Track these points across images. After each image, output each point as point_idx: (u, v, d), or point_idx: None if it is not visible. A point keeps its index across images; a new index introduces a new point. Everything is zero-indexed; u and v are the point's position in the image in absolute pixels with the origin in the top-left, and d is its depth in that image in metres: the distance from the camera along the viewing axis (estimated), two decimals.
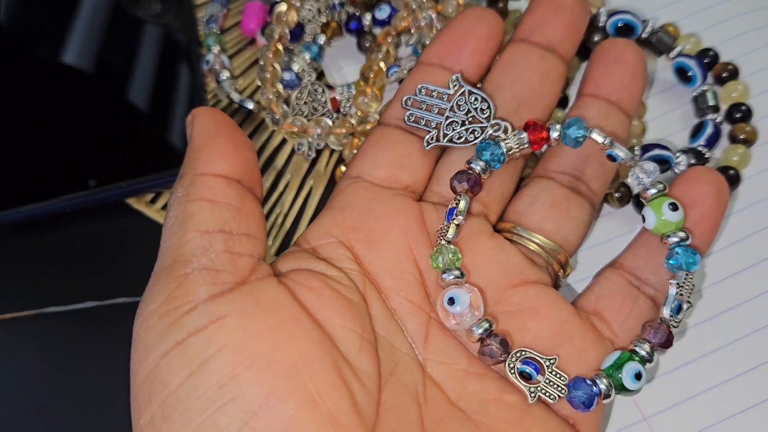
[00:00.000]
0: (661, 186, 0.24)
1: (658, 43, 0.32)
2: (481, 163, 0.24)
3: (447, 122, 0.26)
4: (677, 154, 0.30)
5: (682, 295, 0.23)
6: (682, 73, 0.32)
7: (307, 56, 0.32)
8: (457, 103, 0.26)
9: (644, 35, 0.32)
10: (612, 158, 0.25)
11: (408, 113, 0.26)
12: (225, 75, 0.33)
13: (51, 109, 0.32)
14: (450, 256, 0.23)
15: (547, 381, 0.22)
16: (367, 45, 0.33)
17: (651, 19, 0.33)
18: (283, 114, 0.31)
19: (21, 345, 0.29)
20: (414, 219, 0.25)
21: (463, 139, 0.26)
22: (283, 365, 0.20)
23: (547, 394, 0.22)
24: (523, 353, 0.23)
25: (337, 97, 0.32)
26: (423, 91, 0.26)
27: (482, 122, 0.26)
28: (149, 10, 0.35)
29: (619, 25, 0.32)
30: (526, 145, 0.25)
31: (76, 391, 0.28)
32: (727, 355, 0.27)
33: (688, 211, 0.25)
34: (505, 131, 0.25)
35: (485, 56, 0.27)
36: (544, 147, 0.26)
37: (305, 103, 0.32)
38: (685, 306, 0.23)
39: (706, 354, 0.27)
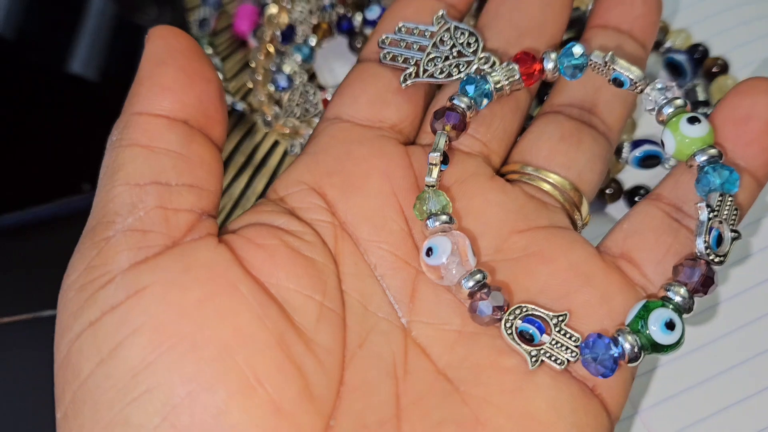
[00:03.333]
0: (679, 102, 0.20)
1: None
2: (465, 99, 0.21)
3: (428, 58, 0.23)
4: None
5: (721, 221, 0.18)
6: (672, 68, 0.32)
7: (299, 57, 0.33)
8: (440, 38, 0.23)
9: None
10: (618, 83, 0.21)
11: (384, 51, 0.23)
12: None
13: (44, 113, 0.32)
14: (434, 200, 0.20)
15: (554, 342, 0.18)
16: (359, 45, 0.33)
17: None
18: (275, 115, 0.31)
19: (17, 349, 0.29)
20: (399, 162, 0.21)
21: (445, 74, 0.23)
22: (211, 347, 0.17)
23: (554, 358, 0.18)
24: (524, 309, 0.19)
25: (329, 98, 0.32)
26: (403, 29, 0.24)
27: (469, 57, 0.23)
28: (145, 14, 0.35)
29: None
30: (517, 78, 0.22)
31: None
32: (721, 348, 0.27)
33: (737, 130, 0.20)
34: (493, 65, 0.23)
35: None
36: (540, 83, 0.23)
37: (297, 104, 0.32)
38: (728, 235, 0.18)
39: (699, 347, 0.27)
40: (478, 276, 0.19)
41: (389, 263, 0.20)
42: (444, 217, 0.19)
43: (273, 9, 0.33)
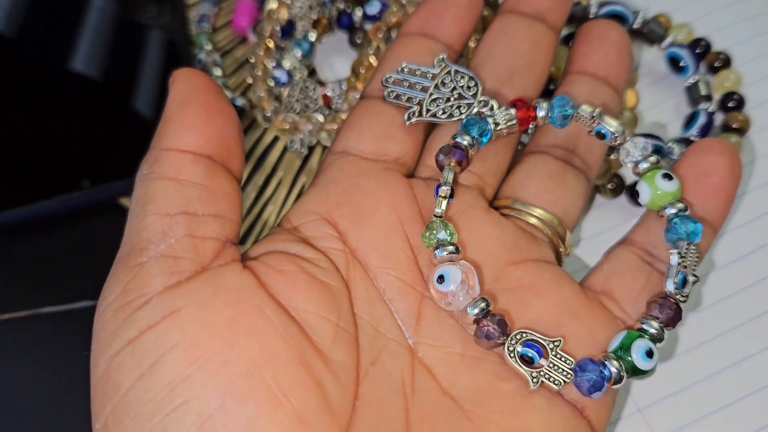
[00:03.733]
0: (653, 159, 0.23)
1: (650, 33, 0.32)
2: (468, 138, 0.23)
3: (431, 99, 0.25)
4: (670, 144, 0.30)
5: (686, 267, 0.21)
6: (674, 63, 0.32)
7: (299, 53, 0.32)
8: (442, 81, 0.25)
9: (635, 26, 0.32)
10: (601, 135, 0.24)
11: (388, 90, 0.25)
12: (217, 73, 0.33)
13: (42, 110, 0.32)
14: (443, 231, 0.22)
15: (551, 365, 0.21)
16: (358, 41, 0.33)
17: (642, 9, 0.33)
18: (274, 111, 0.31)
19: (17, 346, 0.29)
20: (403, 193, 0.23)
21: (447, 114, 0.25)
22: (241, 363, 0.18)
23: (552, 379, 0.20)
24: (525, 335, 0.21)
25: (329, 93, 0.32)
26: (406, 69, 0.25)
27: (469, 99, 0.25)
28: (145, 12, 0.35)
29: (610, 15, 0.32)
30: (514, 122, 0.24)
31: (73, 391, 0.28)
32: (722, 345, 0.27)
33: (698, 184, 0.23)
34: (492, 108, 0.25)
35: (466, 23, 0.27)
36: (532, 127, 0.25)
37: (297, 99, 0.32)
38: (690, 278, 0.22)
39: (701, 344, 0.27)
40: (483, 304, 0.21)
41: (396, 288, 0.22)
42: (451, 248, 0.21)
43: (272, 4, 0.33)
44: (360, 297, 0.22)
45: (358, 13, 0.33)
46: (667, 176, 0.22)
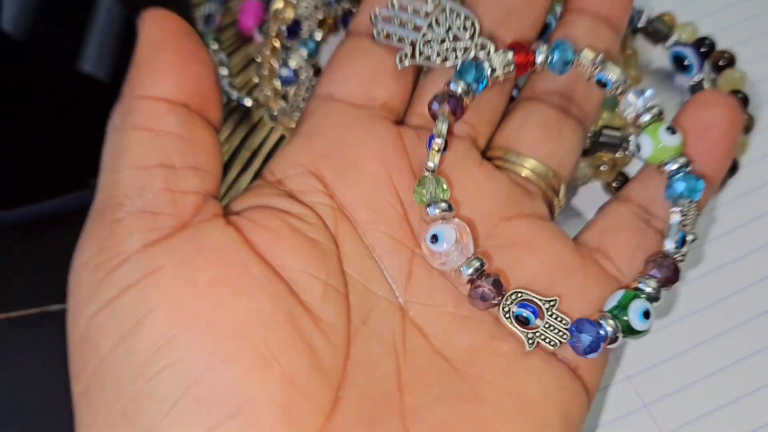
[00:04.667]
0: (656, 110, 0.22)
1: (654, 32, 0.32)
2: (462, 85, 0.22)
3: (424, 40, 0.23)
4: None
5: (685, 225, 0.21)
6: (678, 62, 0.32)
7: (305, 52, 0.33)
8: (435, 19, 0.23)
9: (640, 24, 0.32)
10: (602, 84, 0.22)
11: (378, 28, 0.23)
12: (223, 72, 0.33)
13: (50, 110, 0.32)
14: (435, 187, 0.21)
15: (546, 325, 0.20)
16: None
17: (647, 8, 0.33)
18: (281, 110, 0.32)
19: (26, 342, 0.29)
20: (393, 144, 0.22)
21: (442, 58, 0.23)
22: (228, 323, 0.18)
23: (547, 340, 0.20)
24: (520, 295, 0.20)
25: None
26: (396, 5, 0.23)
27: (465, 42, 0.23)
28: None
29: None
30: (512, 68, 0.22)
31: None
32: (727, 341, 0.27)
33: (698, 138, 0.22)
34: (489, 52, 0.23)
35: None
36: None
37: (303, 98, 0.32)
38: (689, 237, 0.21)
39: (707, 340, 0.27)
40: (477, 264, 0.20)
41: (387, 245, 0.21)
42: (444, 205, 0.20)
43: (278, 4, 0.33)
44: (349, 254, 0.21)
45: None
46: (671, 130, 0.21)
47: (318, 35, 0.33)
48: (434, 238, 0.20)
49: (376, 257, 0.21)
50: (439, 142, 0.21)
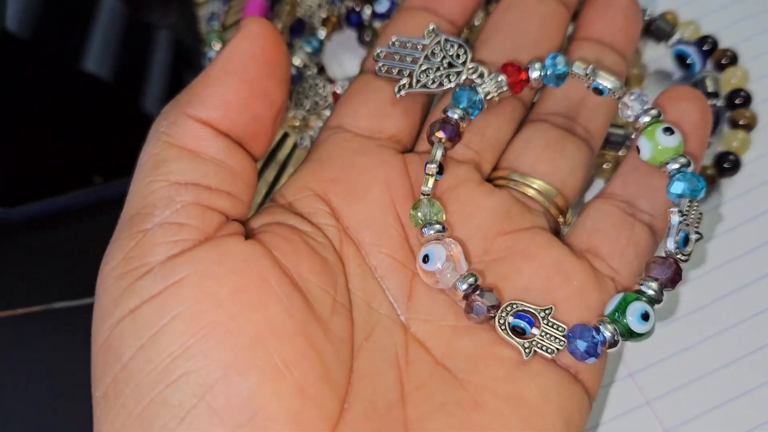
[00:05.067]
0: (654, 112, 0.22)
1: (657, 30, 0.32)
2: (459, 111, 0.23)
3: (421, 69, 0.24)
4: None
5: (688, 225, 0.21)
6: (681, 60, 0.32)
7: (308, 50, 0.33)
8: (431, 51, 0.24)
9: (642, 23, 0.32)
10: (598, 91, 0.23)
11: (379, 64, 0.25)
12: None
13: (54, 108, 0.32)
14: (429, 210, 0.21)
15: (543, 334, 0.20)
16: (367, 39, 0.33)
17: (649, 6, 0.33)
18: None
19: (31, 340, 0.29)
20: (397, 171, 0.23)
21: (437, 84, 0.24)
22: (245, 334, 0.18)
23: (544, 348, 0.20)
24: (515, 306, 0.21)
25: (338, 91, 0.32)
26: (397, 43, 0.25)
27: (458, 67, 0.24)
28: (153, 12, 0.35)
29: None
30: (505, 89, 0.23)
31: (86, 385, 0.28)
32: (730, 338, 0.27)
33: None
34: (481, 76, 0.24)
35: None
36: (532, 92, 0.24)
37: (307, 96, 0.32)
38: (693, 236, 0.21)
39: (709, 337, 0.27)
40: (471, 279, 0.21)
41: (388, 266, 0.22)
42: (437, 226, 0.21)
43: (282, 3, 0.33)
44: (353, 273, 0.21)
45: (367, 11, 0.34)
46: (669, 130, 0.22)
47: (321, 33, 0.33)
48: (426, 258, 0.21)
49: (378, 277, 0.22)
50: (432, 167, 0.22)
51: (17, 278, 0.30)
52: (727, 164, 0.30)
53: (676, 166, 0.22)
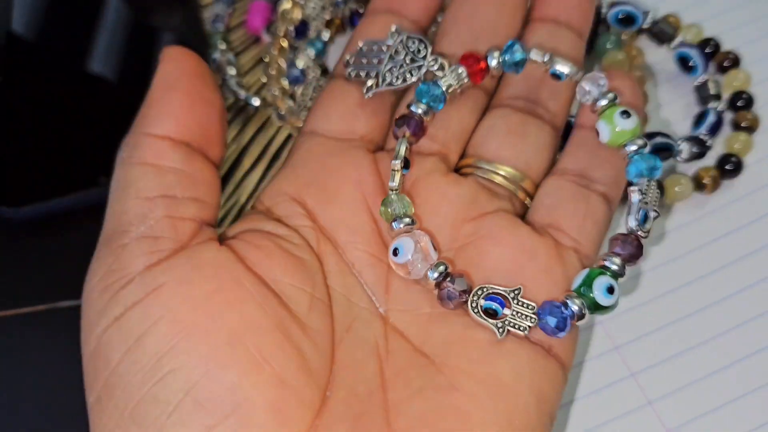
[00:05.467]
0: (611, 95, 0.23)
1: (660, 33, 0.33)
2: (423, 106, 0.24)
3: (386, 69, 0.25)
4: (679, 142, 0.30)
5: (646, 203, 0.22)
6: (683, 63, 0.32)
7: (312, 52, 0.33)
8: (395, 50, 0.25)
9: (645, 25, 0.33)
10: (556, 77, 0.24)
11: (349, 70, 0.25)
12: (231, 72, 0.33)
13: (60, 109, 0.33)
14: (398, 204, 0.22)
15: (514, 313, 0.21)
16: None
17: (652, 9, 0.33)
18: (288, 110, 0.32)
19: (36, 338, 0.29)
20: (368, 169, 0.24)
21: (401, 80, 0.25)
22: (223, 332, 0.19)
23: (517, 326, 0.21)
24: (486, 290, 0.22)
25: None
26: (364, 47, 0.26)
27: (419, 61, 0.25)
28: (156, 15, 0.35)
29: (620, 16, 0.32)
30: (466, 80, 0.24)
31: None
32: (732, 339, 0.27)
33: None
34: (442, 68, 0.25)
35: None
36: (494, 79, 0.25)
37: (311, 98, 0.32)
38: (651, 214, 0.22)
39: (711, 338, 0.27)
40: (441, 267, 0.22)
41: (364, 261, 0.23)
42: (407, 220, 0.22)
43: (286, 5, 0.33)
44: (331, 270, 0.22)
45: None
46: (626, 113, 0.23)
47: (325, 35, 0.33)
48: (396, 251, 0.22)
49: (355, 272, 0.23)
50: (396, 163, 0.23)
51: (23, 277, 0.31)
52: (729, 166, 0.30)
53: (634, 147, 0.23)
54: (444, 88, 0.24)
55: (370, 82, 0.25)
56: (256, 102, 0.33)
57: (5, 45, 0.34)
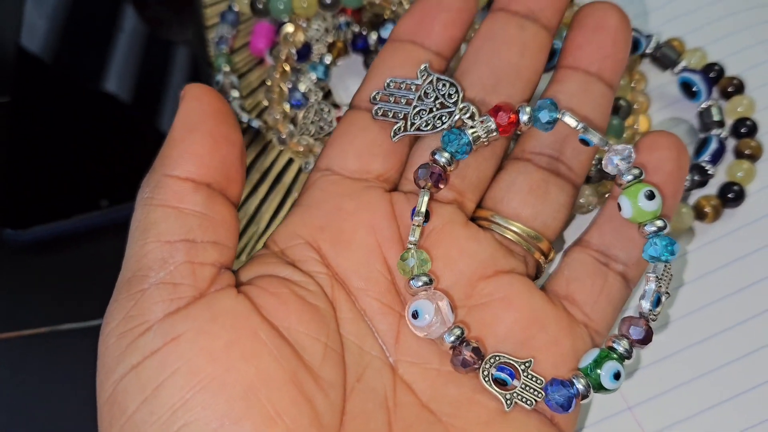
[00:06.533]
0: (636, 171, 0.23)
1: (663, 58, 0.32)
2: (446, 155, 0.23)
3: (415, 111, 0.25)
4: None
5: (661, 287, 0.23)
6: (687, 88, 0.32)
7: (314, 76, 0.33)
8: (425, 91, 0.25)
9: (648, 50, 0.32)
10: (585, 143, 0.24)
11: (376, 107, 0.25)
12: (234, 94, 0.34)
13: (66, 130, 0.33)
14: (416, 261, 0.22)
15: (523, 386, 0.22)
16: None
17: (655, 33, 0.33)
18: (289, 134, 0.32)
19: (36, 361, 0.30)
20: (383, 214, 0.24)
21: (430, 126, 0.24)
22: (238, 386, 0.20)
23: (524, 399, 0.22)
24: (498, 359, 0.22)
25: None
26: (392, 84, 0.25)
27: (450, 107, 0.24)
28: (169, 28, 0.36)
29: None
30: (495, 133, 0.24)
31: (91, 406, 0.29)
32: (711, 347, 0.28)
33: (648, 178, 0.23)
34: (473, 117, 0.24)
35: (458, 29, 0.26)
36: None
37: (312, 122, 0.32)
38: (663, 298, 0.23)
39: (690, 345, 0.28)
40: (457, 331, 0.22)
41: (376, 309, 0.23)
42: (424, 278, 0.22)
43: (289, 28, 0.33)
44: (344, 317, 0.23)
45: (373, 37, 0.34)
46: (650, 195, 0.23)
47: (328, 58, 0.34)
48: (415, 314, 0.22)
49: (367, 320, 0.23)
50: (418, 219, 0.23)
51: (24, 300, 0.31)
52: (731, 194, 0.30)
53: (653, 228, 0.23)
54: (471, 139, 0.23)
55: (398, 125, 0.25)
56: (257, 125, 0.33)
57: (16, 64, 0.34)
